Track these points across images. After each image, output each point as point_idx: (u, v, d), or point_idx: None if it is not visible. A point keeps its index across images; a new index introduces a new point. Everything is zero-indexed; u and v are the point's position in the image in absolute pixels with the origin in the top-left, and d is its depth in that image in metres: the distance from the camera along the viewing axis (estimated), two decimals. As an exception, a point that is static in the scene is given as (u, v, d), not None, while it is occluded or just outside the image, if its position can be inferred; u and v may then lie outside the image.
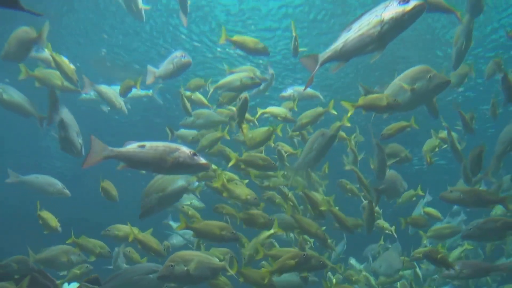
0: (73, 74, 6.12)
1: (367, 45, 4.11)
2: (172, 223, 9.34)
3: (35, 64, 6.66)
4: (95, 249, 6.30)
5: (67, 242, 6.28)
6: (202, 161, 4.16)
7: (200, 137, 7.29)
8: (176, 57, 6.52)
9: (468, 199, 5.81)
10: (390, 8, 3.94)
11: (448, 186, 6.19)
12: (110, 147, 4.11)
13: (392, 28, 3.95)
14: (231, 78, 6.66)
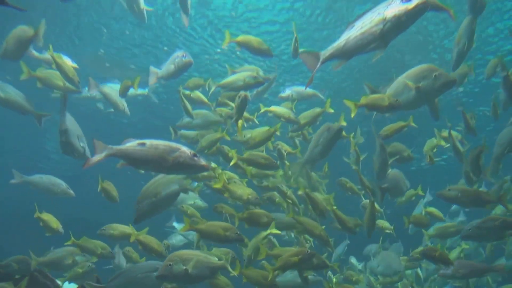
0: (74, 75, 6.13)
1: (369, 43, 4.12)
2: (175, 224, 9.28)
3: (38, 65, 6.65)
4: (97, 250, 6.28)
5: (67, 243, 6.24)
6: (202, 162, 4.18)
7: (199, 137, 7.28)
8: (177, 57, 6.51)
9: (465, 198, 5.83)
10: (392, 6, 3.95)
11: (448, 185, 6.18)
12: (109, 145, 4.12)
13: (394, 26, 3.95)
14: (234, 77, 6.64)
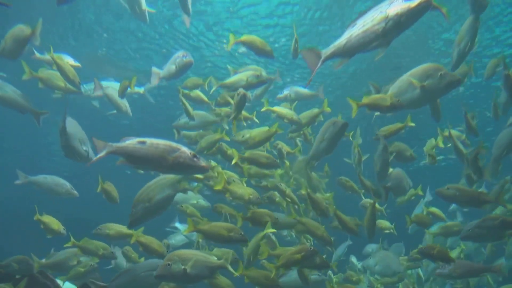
0: (75, 76, 6.13)
1: (371, 41, 4.10)
2: (178, 224, 9.23)
3: (39, 65, 6.66)
4: (98, 251, 6.25)
5: (66, 245, 6.19)
6: (202, 163, 4.17)
7: (199, 138, 7.27)
8: (178, 57, 6.51)
9: (463, 198, 5.82)
10: (395, 4, 3.94)
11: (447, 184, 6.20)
12: (109, 143, 4.14)
13: (396, 24, 3.94)
14: (237, 77, 6.61)
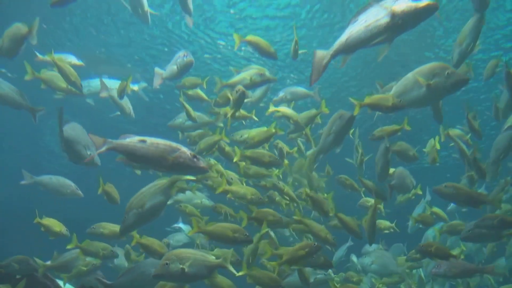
0: (76, 78, 6.15)
1: (374, 36, 4.09)
2: (181, 225, 9.20)
3: (45, 65, 6.68)
4: (99, 252, 6.24)
5: (69, 247, 6.19)
6: (202, 164, 4.17)
7: (197, 138, 7.26)
8: (179, 58, 6.51)
9: (459, 196, 5.81)
10: (401, 2, 3.92)
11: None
12: (109, 139, 4.14)
13: (402, 22, 3.92)
14: (241, 76, 6.59)
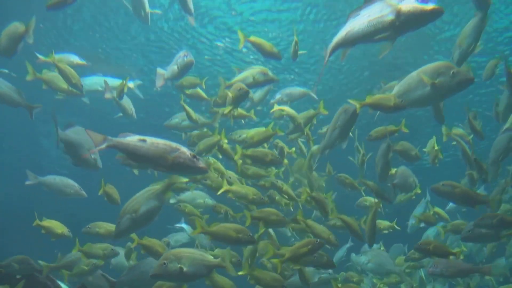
0: (77, 80, 6.18)
1: (377, 32, 4.08)
2: (184, 225, 9.18)
3: (46, 66, 6.72)
4: (101, 252, 6.25)
5: (74, 251, 6.22)
6: (201, 164, 4.17)
7: (195, 139, 7.25)
8: (179, 58, 6.52)
9: (456, 195, 5.80)
10: (407, 1, 3.91)
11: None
12: (109, 137, 4.15)
13: (406, 21, 3.92)
14: (244, 74, 6.57)
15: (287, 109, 6.93)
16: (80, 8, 10.09)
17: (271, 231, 6.94)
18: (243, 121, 7.26)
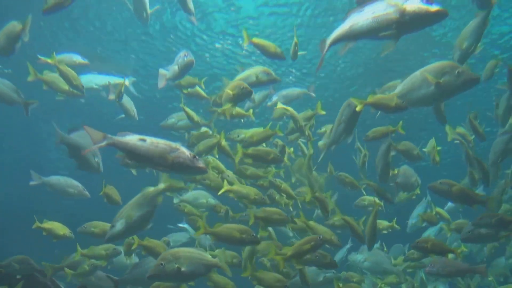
0: (78, 81, 6.19)
1: (382, 29, 4.08)
2: (187, 226, 9.14)
3: (48, 67, 6.73)
4: (103, 253, 6.27)
5: (76, 258, 6.26)
6: (201, 164, 4.18)
7: (194, 139, 7.25)
8: (180, 58, 6.51)
9: (454, 194, 5.79)
10: (412, 1, 3.92)
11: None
12: (108, 135, 4.14)
13: (411, 20, 3.93)
14: (247, 73, 6.55)
15: (291, 110, 6.91)
16: (72, 9, 10.09)
17: (272, 231, 6.94)
18: (242, 121, 7.24)
